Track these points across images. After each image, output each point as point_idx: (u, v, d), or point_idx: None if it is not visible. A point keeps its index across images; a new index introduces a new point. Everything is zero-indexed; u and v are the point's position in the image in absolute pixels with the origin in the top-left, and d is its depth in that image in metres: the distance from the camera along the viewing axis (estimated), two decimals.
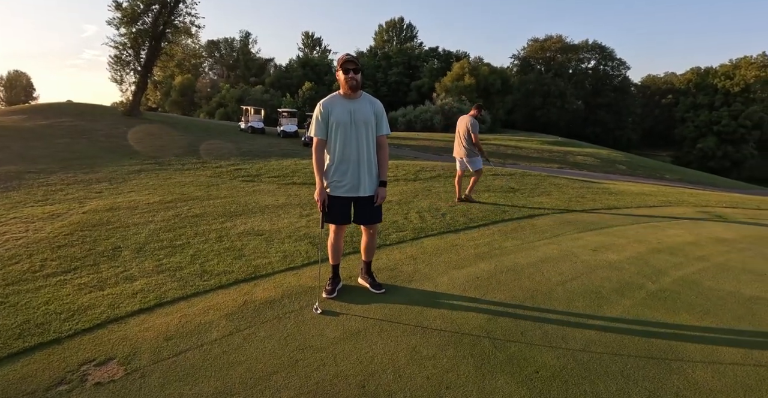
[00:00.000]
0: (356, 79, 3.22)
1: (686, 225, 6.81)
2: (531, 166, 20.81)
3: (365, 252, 3.66)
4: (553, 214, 6.83)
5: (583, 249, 5.00)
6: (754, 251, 5.56)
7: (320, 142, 3.30)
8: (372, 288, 3.62)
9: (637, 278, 4.20)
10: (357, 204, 3.41)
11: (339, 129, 3.24)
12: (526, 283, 3.87)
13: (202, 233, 5.21)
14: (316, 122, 3.27)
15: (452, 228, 5.64)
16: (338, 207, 3.36)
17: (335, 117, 3.23)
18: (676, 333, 3.15)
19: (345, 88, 3.24)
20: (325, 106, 3.26)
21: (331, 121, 3.24)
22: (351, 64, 3.19)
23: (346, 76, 3.19)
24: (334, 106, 3.25)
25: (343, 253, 4.50)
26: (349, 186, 3.34)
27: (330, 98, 3.31)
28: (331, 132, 3.26)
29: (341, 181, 3.31)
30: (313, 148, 3.29)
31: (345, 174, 3.31)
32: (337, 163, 3.30)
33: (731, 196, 11.71)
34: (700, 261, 4.90)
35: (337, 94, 3.32)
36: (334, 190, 3.33)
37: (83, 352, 2.63)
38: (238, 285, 3.68)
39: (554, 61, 63.48)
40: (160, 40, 26.89)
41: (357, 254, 4.45)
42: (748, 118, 52.35)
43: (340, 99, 3.29)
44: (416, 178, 9.75)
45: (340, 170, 3.31)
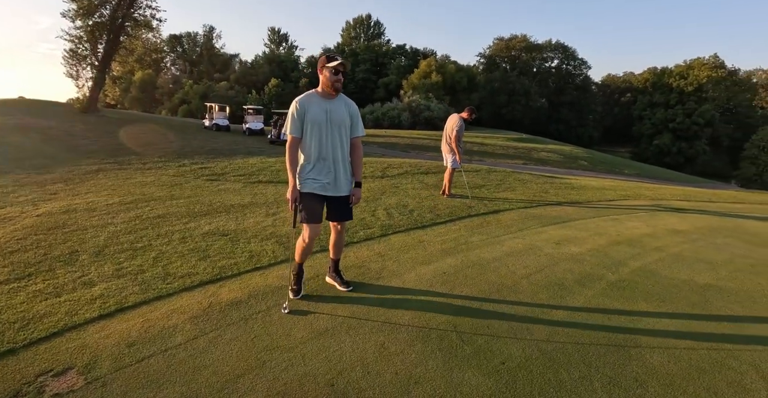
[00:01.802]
0: (341, 82, 3.22)
1: (644, 217, 7.10)
2: (496, 163, 21.21)
3: (335, 249, 3.65)
4: (518, 209, 6.98)
5: (547, 243, 5.14)
6: (706, 241, 5.85)
7: (295, 140, 3.22)
8: (340, 287, 3.61)
9: (597, 269, 4.35)
10: (331, 203, 3.38)
11: (315, 128, 3.18)
12: (492, 277, 3.95)
13: (164, 234, 5.06)
14: (292, 120, 3.18)
15: (419, 225, 5.68)
16: (312, 204, 3.31)
17: (311, 115, 3.17)
18: (634, 320, 3.28)
19: (329, 88, 3.20)
20: (301, 103, 3.18)
21: (307, 119, 3.18)
22: (342, 67, 3.17)
23: (335, 77, 3.17)
24: (310, 104, 3.18)
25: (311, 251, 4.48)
26: (325, 184, 3.30)
27: (307, 96, 3.23)
28: (307, 130, 3.19)
29: (317, 179, 3.26)
30: (288, 146, 3.21)
31: (321, 172, 3.27)
32: (314, 161, 3.24)
33: (685, 190, 12.29)
34: (657, 252, 5.12)
35: (315, 92, 3.25)
36: (309, 187, 3.27)
37: (40, 362, 2.51)
38: (203, 287, 3.60)
39: (519, 59, 64.69)
40: (118, 34, 25.79)
41: (324, 253, 4.44)
42: (700, 116, 54.80)
43: (317, 98, 3.22)
44: (384, 175, 9.77)
45: (317, 168, 3.25)
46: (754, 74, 69.11)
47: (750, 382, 2.61)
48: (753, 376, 2.68)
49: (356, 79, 62.15)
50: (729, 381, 2.60)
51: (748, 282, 4.38)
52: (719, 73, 57.43)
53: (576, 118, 62.14)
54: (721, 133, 55.99)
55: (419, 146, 25.67)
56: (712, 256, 5.17)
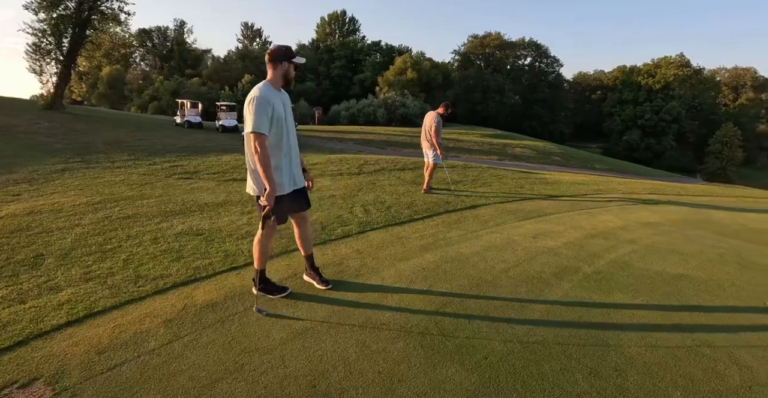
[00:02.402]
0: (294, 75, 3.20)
1: (616, 211, 7.25)
2: (472, 158, 21.40)
3: (305, 244, 3.58)
4: (495, 204, 7.04)
5: (524, 237, 5.19)
6: (678, 233, 6.02)
7: (265, 138, 3.00)
8: (319, 285, 3.56)
9: (574, 262, 4.41)
10: (294, 196, 3.33)
11: (280, 124, 3.08)
12: (471, 272, 3.95)
13: (135, 235, 4.88)
14: (262, 115, 2.96)
15: (397, 221, 5.66)
16: (285, 206, 3.25)
17: (277, 111, 3.08)
18: (612, 312, 3.34)
19: (285, 83, 3.15)
20: (268, 97, 3.02)
21: (273, 115, 3.07)
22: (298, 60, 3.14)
23: (294, 72, 3.13)
24: (273, 98, 3.06)
25: (287, 250, 4.40)
26: (293, 180, 3.27)
27: (267, 89, 3.07)
28: (272, 127, 3.05)
29: (288, 176, 3.20)
30: (260, 145, 2.94)
31: (290, 170, 3.22)
32: (283, 159, 3.15)
33: (655, 184, 12.64)
34: (630, 244, 5.23)
35: (269, 84, 3.12)
36: (288, 189, 3.19)
37: (4, 374, 2.37)
38: (177, 289, 3.48)
39: (493, 57, 65.33)
40: (84, 28, 24.78)
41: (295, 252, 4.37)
42: (667, 113, 56.54)
43: (274, 91, 3.11)
44: (360, 172, 9.71)
45: (286, 166, 3.19)
46: (718, 73, 71.75)
47: (724, 368, 2.68)
48: (726, 362, 2.75)
49: (331, 75, 61.70)
50: (704, 368, 2.66)
51: (717, 271, 4.51)
52: (685, 72, 59.31)
53: (549, 115, 63.25)
54: (687, 129, 57.89)
55: (396, 143, 25.68)
56: (684, 247, 5.31)
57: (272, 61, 3.11)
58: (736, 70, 71.83)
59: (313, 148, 19.02)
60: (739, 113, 60.43)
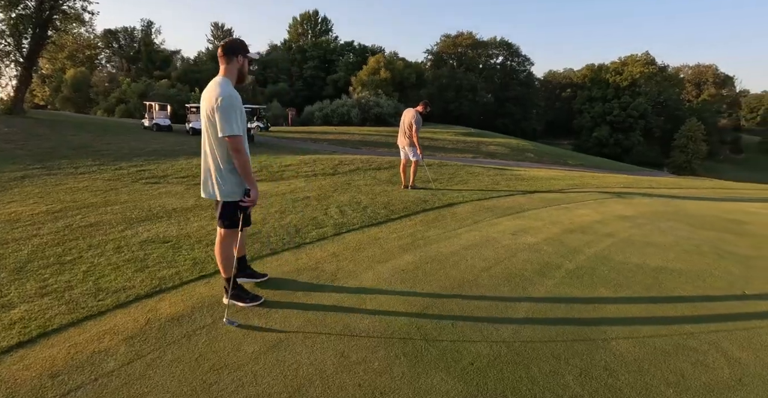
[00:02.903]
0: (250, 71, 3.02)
1: (592, 205, 7.28)
2: (447, 157, 21.44)
3: (242, 247, 3.52)
4: (472, 201, 6.97)
5: (503, 234, 5.11)
6: (653, 226, 6.05)
7: (243, 138, 2.83)
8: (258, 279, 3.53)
9: (555, 258, 4.35)
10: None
11: (243, 123, 2.89)
12: (452, 272, 3.83)
13: (97, 245, 4.59)
14: (239, 116, 2.78)
15: (374, 221, 5.51)
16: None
17: (242, 110, 2.90)
18: (597, 308, 3.26)
19: (239, 79, 2.92)
20: (238, 97, 2.83)
21: (239, 114, 2.83)
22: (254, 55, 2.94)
23: (249, 68, 2.92)
24: (239, 96, 2.88)
25: (261, 255, 4.20)
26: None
27: (232, 87, 2.87)
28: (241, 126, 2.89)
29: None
30: (239, 147, 2.76)
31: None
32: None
33: (626, 178, 12.85)
34: (609, 238, 5.22)
35: (228, 80, 2.88)
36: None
37: None
38: (141, 301, 3.24)
39: (465, 56, 65.88)
40: (45, 28, 23.69)
41: (274, 256, 4.18)
42: (635, 109, 58.12)
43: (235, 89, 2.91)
44: (335, 172, 9.53)
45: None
46: (681, 70, 74.21)
47: (712, 361, 2.64)
48: (714, 355, 2.70)
49: (304, 76, 61.06)
50: (693, 362, 2.61)
51: (695, 262, 4.52)
52: (651, 69, 61.06)
53: (521, 113, 64.14)
54: (654, 124, 59.59)
55: (370, 142, 25.54)
56: (660, 240, 5.33)
57: (227, 54, 2.90)
58: (699, 68, 74.46)
59: (287, 149, 18.70)
60: (702, 108, 62.57)
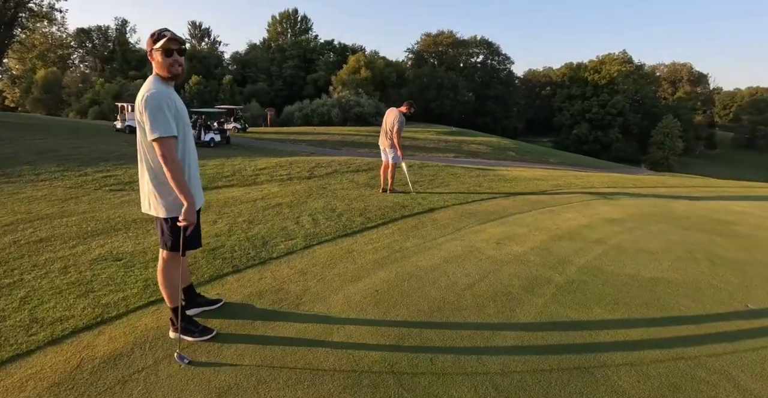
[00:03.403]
0: (183, 66, 2.49)
1: (578, 207, 6.98)
2: (429, 157, 21.10)
3: (187, 277, 3.06)
4: (454, 206, 6.59)
5: (487, 243, 4.73)
6: (643, 230, 5.76)
7: (175, 141, 2.41)
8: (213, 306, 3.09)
9: (543, 270, 3.99)
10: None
11: (181, 126, 2.49)
12: (431, 292, 3.42)
13: (42, 264, 4.06)
14: (168, 114, 2.35)
15: (348, 231, 5.08)
16: (198, 225, 2.68)
17: (178, 109, 2.47)
18: (593, 333, 2.90)
19: (174, 74, 2.46)
20: (168, 93, 2.43)
21: (177, 114, 2.44)
22: (175, 44, 2.41)
23: (170, 60, 2.41)
24: (172, 96, 2.46)
25: (221, 273, 3.75)
26: (199, 195, 2.72)
27: (161, 84, 2.46)
28: (177, 128, 2.45)
29: (196, 191, 2.62)
30: (170, 152, 2.34)
31: (194, 182, 2.65)
32: (187, 168, 2.56)
33: (610, 177, 12.68)
34: (598, 245, 4.89)
35: (159, 77, 2.48)
36: (198, 204, 2.64)
37: None
38: (77, 336, 2.75)
39: (446, 55, 65.76)
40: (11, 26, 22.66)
41: (235, 275, 3.72)
42: (613, 107, 58.76)
43: (168, 87, 2.49)
44: (311, 176, 9.06)
45: (194, 176, 2.63)
46: (657, 68, 75.49)
47: (726, 395, 2.30)
48: (726, 387, 2.37)
49: (284, 75, 60.15)
50: None
51: (691, 271, 4.22)
52: (628, 68, 61.83)
53: (501, 111, 64.35)
54: (631, 122, 60.37)
55: (350, 143, 25.07)
56: (651, 245, 5.03)
57: (148, 52, 2.48)
58: (674, 66, 75.86)
59: (264, 151, 18.11)
60: (677, 106, 63.63)
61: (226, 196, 7.12)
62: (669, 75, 75.34)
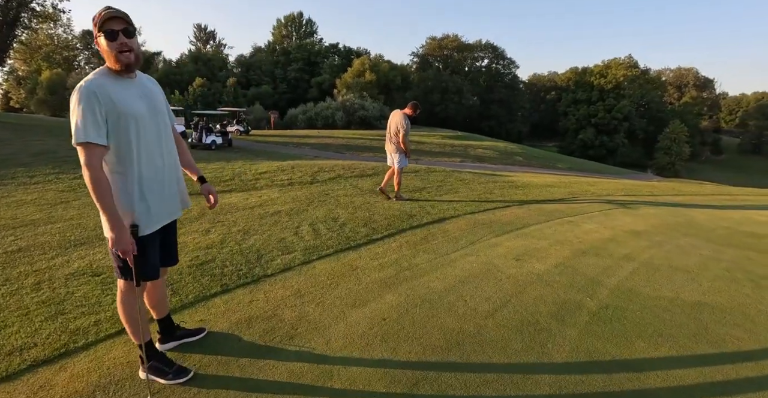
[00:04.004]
0: (132, 51, 1.98)
1: (598, 218, 6.52)
2: (435, 161, 20.68)
3: (163, 307, 2.57)
4: (465, 215, 6.14)
5: (506, 260, 4.28)
6: (671, 244, 5.30)
7: (99, 150, 1.91)
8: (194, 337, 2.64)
9: (572, 293, 3.53)
10: (164, 235, 2.32)
11: (132, 125, 2.01)
12: (447, 320, 2.96)
13: (15, 278, 3.63)
14: (91, 116, 1.88)
15: (352, 243, 4.63)
16: (155, 250, 2.21)
17: (124, 106, 1.98)
18: (641, 375, 2.44)
19: (115, 63, 1.98)
20: (102, 86, 1.92)
21: (116, 113, 1.96)
22: (119, 23, 1.92)
23: (116, 45, 1.93)
24: (114, 88, 1.98)
25: (207, 294, 3.31)
26: (169, 208, 2.24)
27: (100, 76, 1.98)
28: (119, 131, 1.98)
29: (156, 205, 2.13)
30: (89, 162, 1.88)
31: (157, 192, 2.15)
32: (145, 178, 2.09)
33: (624, 184, 12.20)
34: (628, 262, 4.43)
35: (106, 69, 2.02)
36: (153, 224, 2.14)
37: None
38: (35, 371, 2.32)
39: (451, 58, 65.44)
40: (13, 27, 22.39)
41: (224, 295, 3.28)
42: (619, 112, 58.25)
43: (119, 80, 2.03)
44: (313, 181, 8.62)
45: (150, 188, 2.11)
46: (663, 73, 75.03)
47: None
48: None
49: (288, 78, 60.02)
50: None
51: (734, 294, 3.76)
52: (633, 72, 61.34)
53: (506, 115, 63.95)
54: (637, 126, 59.86)
55: (354, 146, 24.66)
56: (685, 262, 4.57)
57: (95, 40, 2.04)
58: (680, 71, 75.39)
59: (266, 154, 17.71)
60: (683, 111, 63.11)
61: (222, 203, 6.70)
62: (675, 80, 74.85)
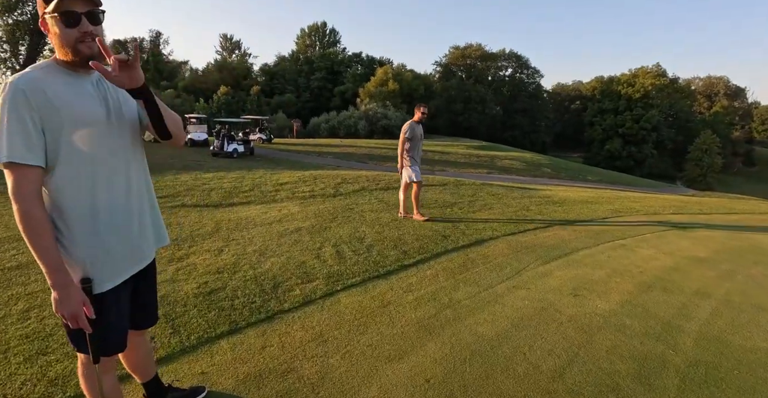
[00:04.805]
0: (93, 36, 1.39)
1: (653, 241, 5.84)
2: (461, 173, 20.09)
3: (147, 369, 2.00)
4: (504, 236, 5.54)
5: (561, 295, 3.68)
6: (742, 274, 4.61)
7: (32, 173, 1.36)
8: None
9: (650, 343, 2.91)
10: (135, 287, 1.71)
11: (82, 135, 1.43)
12: (506, 384, 2.37)
13: (5, 303, 3.25)
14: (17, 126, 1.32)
15: (381, 270, 4.10)
16: (120, 311, 1.61)
17: (70, 110, 1.40)
18: None
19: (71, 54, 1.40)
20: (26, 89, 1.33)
21: (58, 119, 1.38)
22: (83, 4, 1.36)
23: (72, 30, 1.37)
24: (55, 88, 1.39)
25: (212, 334, 2.82)
26: (133, 253, 1.62)
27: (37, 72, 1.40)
28: (62, 145, 1.40)
29: (117, 249, 1.53)
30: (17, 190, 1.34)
31: (121, 229, 1.54)
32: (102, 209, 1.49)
33: (668, 199, 11.37)
34: (703, 299, 3.78)
35: (51, 64, 1.44)
36: (110, 276, 1.52)
37: None
38: None
39: (474, 68, 64.81)
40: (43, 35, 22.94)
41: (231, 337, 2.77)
42: (647, 122, 56.56)
43: (69, 75, 1.45)
44: (336, 193, 8.15)
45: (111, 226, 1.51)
46: (692, 82, 72.82)
47: None
48: None
49: (311, 87, 60.37)
50: None
51: None
52: (662, 81, 59.68)
53: (529, 125, 62.96)
54: (666, 137, 58.08)
55: (377, 156, 24.23)
56: (766, 298, 3.90)
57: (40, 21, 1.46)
58: (710, 79, 73.07)
59: (287, 163, 17.43)
60: (714, 121, 60.92)
61: (239, 216, 6.28)
62: (705, 89, 72.55)
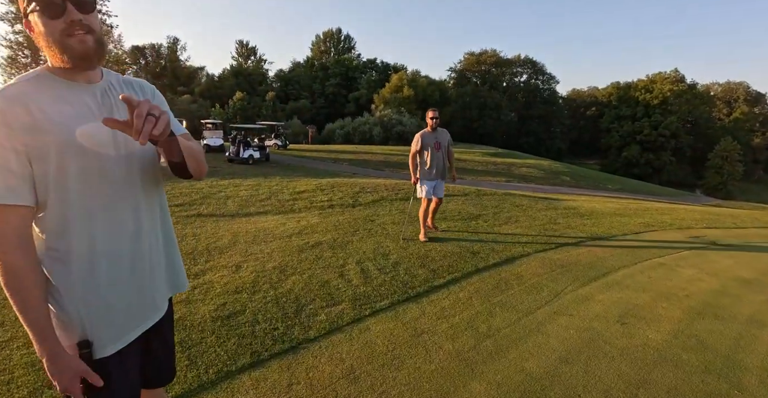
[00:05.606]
0: (92, 29, 1.10)
1: (693, 259, 5.51)
2: (479, 181, 19.77)
3: None
4: (536, 254, 5.26)
5: (608, 323, 3.39)
6: None
7: (15, 214, 1.07)
8: None
9: (712, 382, 2.63)
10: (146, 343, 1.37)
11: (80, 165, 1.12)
12: None
13: (11, 324, 3.08)
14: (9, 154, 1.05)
15: (410, 291, 3.86)
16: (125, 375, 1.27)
17: (60, 131, 1.09)
18: None
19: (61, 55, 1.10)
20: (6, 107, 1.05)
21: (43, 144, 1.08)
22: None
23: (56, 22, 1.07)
24: (43, 103, 1.09)
25: (232, 367, 2.61)
26: (142, 309, 1.30)
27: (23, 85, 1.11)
28: (48, 178, 1.10)
29: (121, 304, 1.23)
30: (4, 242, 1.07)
31: (125, 279, 1.23)
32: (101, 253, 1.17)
33: (700, 212, 10.91)
34: (759, 329, 3.48)
35: (43, 74, 1.15)
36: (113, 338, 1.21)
37: None
38: None
39: (489, 74, 64.41)
40: None
41: (253, 371, 2.56)
42: (666, 128, 55.52)
43: (63, 85, 1.15)
44: (355, 203, 7.93)
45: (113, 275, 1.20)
46: (711, 88, 71.37)
47: None
48: None
49: (326, 93, 60.56)
50: None
51: None
52: (680, 87, 58.62)
53: (545, 131, 62.32)
54: (685, 144, 56.91)
55: (393, 163, 24.02)
56: None
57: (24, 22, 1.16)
58: (729, 85, 71.51)
59: (304, 170, 17.31)
60: (734, 127, 59.57)
61: (257, 227, 6.09)
62: (724, 94, 70.99)
